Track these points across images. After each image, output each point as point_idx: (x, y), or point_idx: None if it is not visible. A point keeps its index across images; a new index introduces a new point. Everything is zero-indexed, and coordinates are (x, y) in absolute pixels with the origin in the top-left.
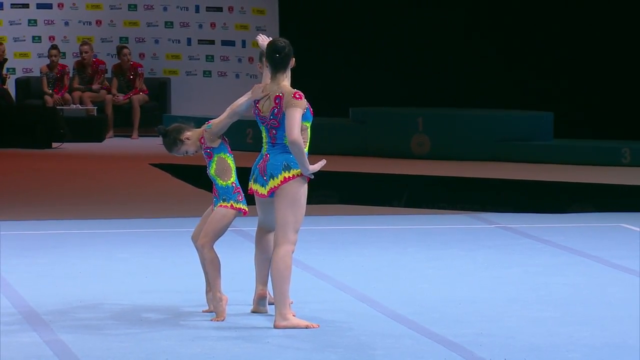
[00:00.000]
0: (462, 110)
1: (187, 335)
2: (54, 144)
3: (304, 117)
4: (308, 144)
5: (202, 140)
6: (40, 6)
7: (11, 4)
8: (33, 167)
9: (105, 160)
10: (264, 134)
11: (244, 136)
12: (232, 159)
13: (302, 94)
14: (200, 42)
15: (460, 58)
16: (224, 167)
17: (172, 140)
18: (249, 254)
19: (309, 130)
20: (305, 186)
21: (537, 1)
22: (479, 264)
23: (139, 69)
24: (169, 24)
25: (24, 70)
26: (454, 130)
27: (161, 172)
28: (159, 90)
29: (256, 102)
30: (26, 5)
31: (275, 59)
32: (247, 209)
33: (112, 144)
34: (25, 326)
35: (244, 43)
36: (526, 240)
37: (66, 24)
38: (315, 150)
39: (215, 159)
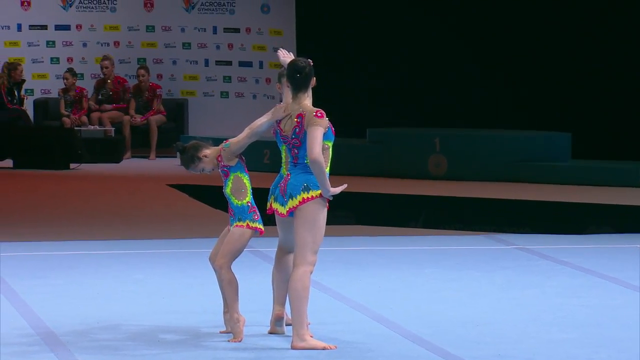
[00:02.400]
0: (479, 131)
1: (205, 356)
2: (72, 165)
3: (326, 137)
4: (329, 163)
5: (220, 159)
6: (58, 28)
7: (29, 26)
8: (51, 188)
9: (123, 181)
10: (284, 154)
11: (261, 157)
12: (248, 178)
13: (323, 112)
14: (218, 63)
15: (477, 79)
16: (240, 186)
17: (190, 158)
18: (266, 275)
19: (330, 149)
20: (325, 208)
21: (556, 22)
22: (497, 285)
23: (157, 90)
24: (186, 45)
25: (42, 91)
26: (471, 151)
27: (179, 192)
28: (177, 111)
29: (278, 121)
30: (44, 27)
31: (296, 78)
32: (263, 228)
33: (130, 164)
34: (43, 347)
35: (261, 64)
36: (544, 261)
37: (84, 45)
38: (333, 171)
39: (232, 177)
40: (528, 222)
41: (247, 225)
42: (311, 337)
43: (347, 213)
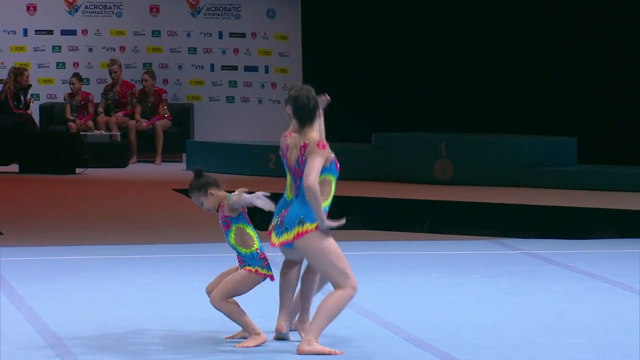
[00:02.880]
0: (485, 136)
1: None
2: (78, 170)
3: (328, 170)
4: (330, 198)
5: (222, 209)
6: (64, 32)
7: (35, 31)
8: (56, 193)
9: (129, 185)
10: (289, 183)
11: (266, 161)
12: (252, 228)
13: (326, 144)
14: (224, 67)
15: (483, 83)
16: (244, 236)
17: (200, 185)
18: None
19: (333, 184)
20: (326, 237)
21: (561, 27)
22: (503, 290)
23: (163, 94)
24: (192, 50)
25: (48, 96)
26: (477, 156)
27: (184, 197)
28: (182, 115)
29: (285, 151)
30: (50, 32)
31: (300, 115)
32: (273, 275)
33: (136, 169)
34: (49, 352)
35: (267, 69)
36: (550, 266)
37: (90, 50)
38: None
39: (234, 228)
40: (534, 227)
41: (256, 271)
42: (316, 342)
43: (352, 218)
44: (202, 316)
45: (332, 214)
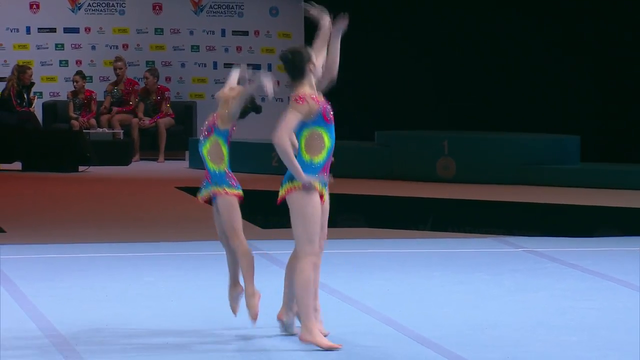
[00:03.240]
0: (488, 134)
1: (213, 358)
2: (81, 168)
3: (314, 123)
4: (325, 152)
5: (216, 117)
6: (67, 30)
7: (38, 29)
8: (59, 191)
9: (132, 183)
10: None
11: (269, 159)
12: (227, 148)
13: (306, 97)
14: (227, 65)
15: (486, 81)
16: (218, 152)
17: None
18: (272, 277)
19: (325, 137)
20: (311, 196)
21: (562, 25)
22: (506, 288)
23: (166, 92)
24: (195, 48)
25: (51, 94)
26: (480, 154)
27: (187, 195)
28: (185, 113)
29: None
30: (53, 30)
31: (287, 71)
32: (241, 194)
33: (138, 167)
34: (52, 350)
35: (270, 67)
36: (553, 264)
37: (93, 48)
38: (341, 174)
39: (211, 139)
40: (537, 225)
41: (225, 191)
42: (318, 332)
43: (355, 216)
44: (205, 314)
45: (337, 210)
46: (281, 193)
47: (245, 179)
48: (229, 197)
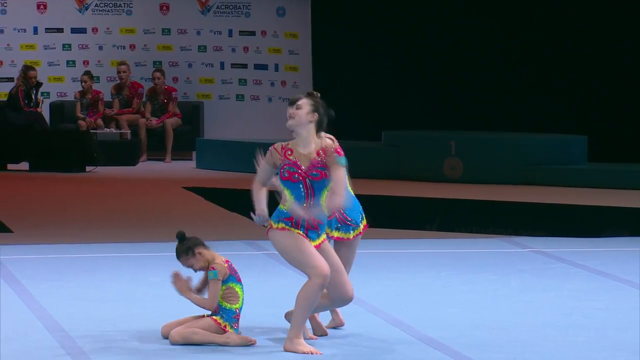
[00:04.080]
0: (495, 134)
1: (221, 358)
2: (88, 168)
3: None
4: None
5: (212, 267)
6: (74, 31)
7: (46, 29)
8: (67, 191)
9: (139, 183)
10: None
11: None
12: (241, 287)
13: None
14: (233, 65)
15: (493, 82)
16: (232, 293)
17: (186, 248)
18: (280, 278)
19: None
20: (281, 236)
21: (570, 26)
22: (513, 288)
23: (173, 93)
24: (202, 48)
25: (58, 94)
26: (487, 154)
27: (194, 195)
28: (192, 114)
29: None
30: (60, 30)
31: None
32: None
33: (146, 167)
34: (60, 350)
35: (276, 67)
36: (560, 264)
37: (100, 48)
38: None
39: (223, 287)
40: (544, 225)
41: (225, 327)
42: (300, 339)
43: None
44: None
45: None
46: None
47: (251, 179)
48: (216, 326)
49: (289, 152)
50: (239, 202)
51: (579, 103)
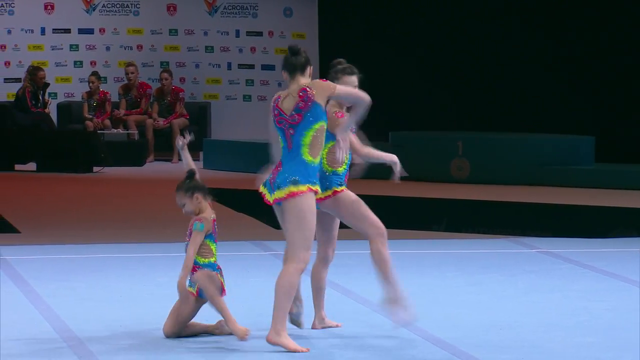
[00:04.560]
0: (502, 135)
1: (229, 357)
2: (95, 169)
3: (322, 116)
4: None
5: (197, 219)
6: (81, 31)
7: (53, 29)
8: (74, 192)
9: (146, 184)
10: (279, 139)
11: None
12: (215, 247)
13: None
14: (241, 66)
15: (500, 83)
16: (207, 249)
17: (188, 187)
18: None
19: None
20: (312, 201)
21: (577, 27)
22: (520, 289)
23: (180, 93)
24: (209, 49)
25: (66, 95)
26: (494, 155)
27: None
28: (199, 114)
29: (275, 105)
30: (68, 31)
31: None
32: (224, 289)
33: (153, 168)
34: (67, 351)
35: None
36: (567, 265)
37: (107, 48)
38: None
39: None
40: (551, 226)
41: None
42: (285, 333)
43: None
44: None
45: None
46: (279, 195)
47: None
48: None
49: None
50: (245, 203)
51: (587, 104)
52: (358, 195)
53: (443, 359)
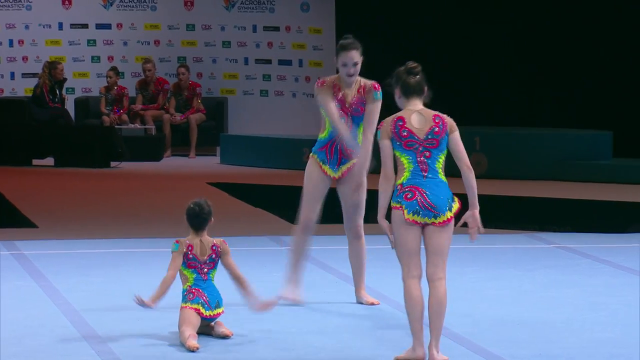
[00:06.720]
0: (520, 130)
1: (247, 349)
2: (112, 163)
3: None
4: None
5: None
6: (99, 27)
7: (70, 25)
8: (91, 186)
9: (163, 179)
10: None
11: (300, 155)
12: (187, 269)
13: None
14: (258, 61)
15: (518, 77)
16: (181, 274)
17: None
18: (305, 274)
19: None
20: (312, 164)
21: (594, 21)
22: (538, 284)
23: (197, 88)
24: (226, 44)
25: (83, 90)
26: (512, 150)
27: (218, 191)
28: (216, 109)
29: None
30: (85, 26)
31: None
32: (198, 309)
33: (170, 163)
34: (85, 345)
35: (300, 62)
36: (585, 260)
37: (125, 44)
38: (373, 170)
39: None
40: (569, 221)
41: (182, 306)
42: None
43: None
44: (235, 309)
45: (367, 206)
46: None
47: (277, 174)
48: (181, 310)
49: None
50: (263, 198)
51: (605, 98)
52: (369, 190)
53: (461, 355)
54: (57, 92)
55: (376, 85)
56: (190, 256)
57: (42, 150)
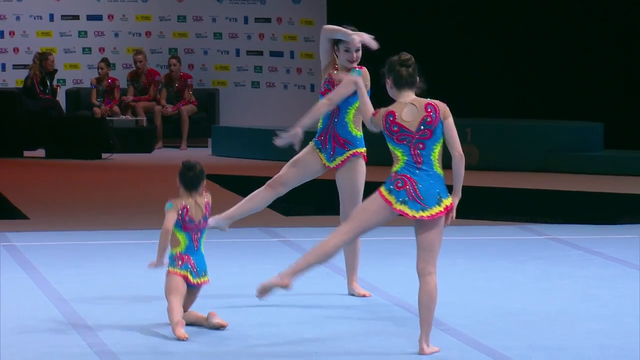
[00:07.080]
0: (511, 121)
1: (242, 342)
2: (104, 155)
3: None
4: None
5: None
6: (90, 18)
7: (61, 16)
8: (82, 178)
9: (154, 170)
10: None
11: (292, 147)
12: (182, 233)
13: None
14: (249, 53)
15: (508, 69)
16: (173, 236)
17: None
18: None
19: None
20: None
21: (585, 13)
22: (529, 276)
23: (189, 80)
24: (217, 35)
25: (74, 81)
26: (503, 141)
27: (210, 182)
28: (208, 101)
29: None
30: (76, 17)
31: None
32: (187, 277)
33: (161, 154)
34: (76, 336)
35: (292, 54)
36: (576, 251)
37: (116, 35)
38: (367, 161)
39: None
40: (560, 212)
41: (169, 270)
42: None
43: None
44: (230, 302)
45: (363, 198)
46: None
47: (269, 166)
48: (168, 274)
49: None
50: (254, 189)
51: (596, 90)
52: (367, 182)
53: (452, 346)
54: (48, 83)
55: (360, 67)
56: (187, 219)
57: (33, 142)
